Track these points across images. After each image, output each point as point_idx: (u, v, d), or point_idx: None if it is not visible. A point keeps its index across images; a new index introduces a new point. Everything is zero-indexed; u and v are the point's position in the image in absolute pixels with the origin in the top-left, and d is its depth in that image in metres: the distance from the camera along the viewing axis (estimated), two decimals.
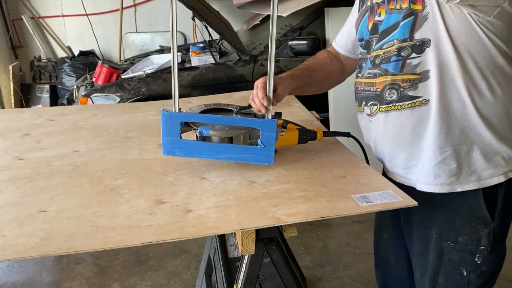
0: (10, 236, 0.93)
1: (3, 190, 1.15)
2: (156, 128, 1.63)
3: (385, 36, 1.15)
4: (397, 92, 1.13)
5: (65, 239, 0.91)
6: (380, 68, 1.17)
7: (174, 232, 0.94)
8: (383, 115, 1.18)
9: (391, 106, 1.15)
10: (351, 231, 2.98)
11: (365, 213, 1.03)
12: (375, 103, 1.19)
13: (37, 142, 1.49)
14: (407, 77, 1.11)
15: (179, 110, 1.19)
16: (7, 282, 2.57)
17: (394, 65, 1.13)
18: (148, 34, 5.04)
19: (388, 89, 1.15)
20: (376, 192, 1.08)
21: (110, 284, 2.53)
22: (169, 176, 1.21)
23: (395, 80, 1.13)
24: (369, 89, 1.21)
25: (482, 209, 1.16)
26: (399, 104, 1.14)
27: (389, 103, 1.16)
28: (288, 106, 1.80)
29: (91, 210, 1.03)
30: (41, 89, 4.90)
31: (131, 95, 3.00)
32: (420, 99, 1.11)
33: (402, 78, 1.12)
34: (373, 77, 1.20)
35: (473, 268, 1.19)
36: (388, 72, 1.15)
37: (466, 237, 1.18)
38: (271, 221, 0.98)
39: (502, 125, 1.12)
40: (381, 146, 1.24)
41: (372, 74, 1.20)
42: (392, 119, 1.16)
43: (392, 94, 1.14)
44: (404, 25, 1.09)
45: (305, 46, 3.12)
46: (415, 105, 1.11)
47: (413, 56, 1.09)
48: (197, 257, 2.73)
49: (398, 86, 1.13)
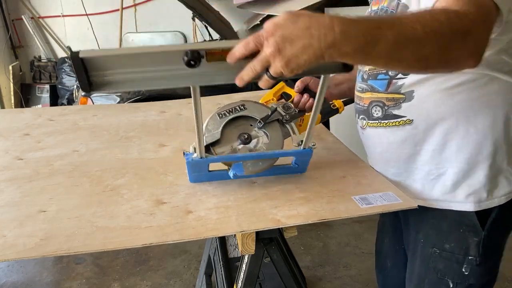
0: (10, 236, 0.93)
1: (3, 190, 1.15)
2: (156, 128, 1.63)
3: None
4: (382, 110, 1.12)
5: (65, 240, 0.91)
6: (367, 84, 1.15)
7: (174, 233, 0.94)
8: (372, 130, 1.16)
9: (377, 122, 1.14)
10: (351, 231, 2.98)
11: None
12: (364, 118, 1.18)
13: (37, 142, 1.49)
14: (391, 95, 1.09)
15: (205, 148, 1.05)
16: (7, 282, 2.57)
17: (380, 83, 1.11)
18: (148, 34, 5.03)
19: (374, 106, 1.14)
20: (376, 194, 1.07)
21: (110, 284, 2.53)
22: (169, 176, 1.21)
23: (380, 98, 1.12)
24: (359, 102, 1.20)
25: (471, 215, 1.08)
26: (384, 121, 1.12)
27: (375, 119, 1.14)
28: None
29: (91, 210, 1.03)
30: (41, 89, 4.89)
31: (131, 95, 3.00)
32: (404, 118, 1.08)
33: (386, 97, 1.10)
34: (361, 92, 1.18)
35: (460, 279, 1.11)
36: (374, 89, 1.13)
37: (453, 244, 1.10)
38: (271, 223, 0.98)
39: (505, 140, 1.05)
40: (372, 158, 1.24)
41: (361, 88, 1.19)
42: (379, 135, 1.15)
43: (378, 111, 1.13)
44: None
45: None
46: (399, 124, 1.09)
47: (400, 77, 1.07)
48: (197, 257, 2.73)
49: (382, 104, 1.11)
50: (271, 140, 1.11)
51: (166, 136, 1.53)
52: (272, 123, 1.12)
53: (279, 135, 1.12)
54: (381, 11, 1.13)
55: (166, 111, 1.83)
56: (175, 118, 1.74)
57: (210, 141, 1.07)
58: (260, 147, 1.10)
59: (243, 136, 1.10)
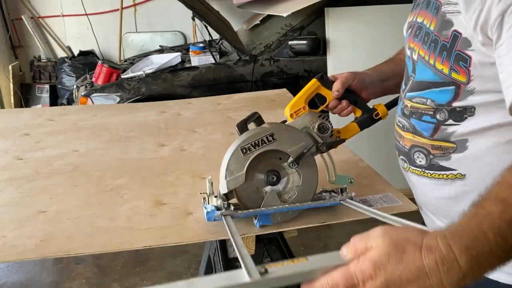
0: (10, 236, 0.93)
1: (3, 190, 1.15)
2: (156, 128, 1.63)
3: (417, 89, 0.91)
4: (426, 158, 0.91)
5: (65, 241, 0.91)
6: (409, 122, 0.94)
7: (174, 235, 0.93)
8: (414, 177, 0.96)
9: (420, 171, 0.93)
10: (352, 231, 2.96)
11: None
12: (405, 160, 0.97)
13: (37, 142, 1.48)
14: (438, 143, 0.88)
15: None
16: (7, 282, 2.56)
17: (425, 126, 0.90)
18: (148, 34, 5.03)
19: (416, 151, 0.93)
20: (377, 195, 1.07)
21: (110, 284, 2.53)
22: (169, 176, 1.20)
23: (424, 144, 0.91)
24: (399, 140, 0.99)
25: None
26: (429, 172, 0.91)
27: (418, 167, 0.94)
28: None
29: (91, 211, 1.02)
30: (41, 89, 4.89)
31: (131, 95, 3.00)
32: (454, 172, 0.87)
33: (432, 144, 0.89)
34: (401, 128, 0.97)
35: None
36: (416, 131, 0.92)
37: None
38: (272, 228, 0.96)
39: None
40: (417, 202, 1.03)
41: (401, 124, 0.98)
42: (422, 186, 0.95)
43: (421, 158, 0.92)
44: (442, 92, 0.86)
45: (305, 46, 3.11)
46: (448, 177, 0.89)
47: (450, 123, 0.86)
48: (197, 257, 2.72)
49: (427, 152, 0.91)
50: (304, 181, 0.95)
51: (166, 136, 1.53)
52: (310, 160, 0.95)
53: (314, 173, 0.96)
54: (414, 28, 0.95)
55: (166, 111, 1.83)
56: (175, 118, 1.74)
57: (233, 187, 0.91)
58: (290, 189, 0.96)
59: (271, 176, 0.94)
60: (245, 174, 0.91)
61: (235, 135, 0.96)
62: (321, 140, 0.96)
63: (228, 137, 1.47)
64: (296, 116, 0.98)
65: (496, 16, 0.71)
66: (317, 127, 0.97)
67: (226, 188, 0.91)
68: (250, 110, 1.04)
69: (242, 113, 1.76)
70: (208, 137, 1.52)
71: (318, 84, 1.01)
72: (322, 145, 0.96)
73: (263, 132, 0.92)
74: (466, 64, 0.80)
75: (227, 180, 0.91)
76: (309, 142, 0.94)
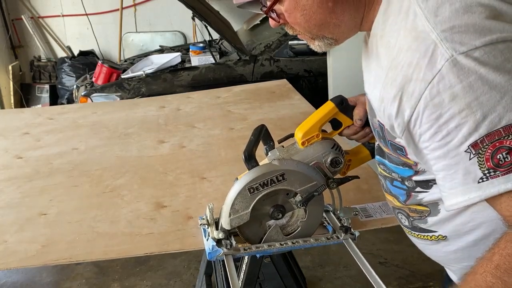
0: (12, 241, 0.92)
1: (3, 190, 1.14)
2: (155, 124, 1.63)
3: (385, 159, 0.88)
4: (407, 220, 0.89)
5: (66, 247, 0.91)
6: (385, 184, 0.91)
7: (175, 242, 0.94)
8: (407, 234, 0.94)
9: (408, 231, 0.92)
10: None
11: None
12: (396, 216, 0.95)
13: (37, 140, 1.48)
14: (414, 207, 0.86)
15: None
16: (7, 282, 2.56)
17: (398, 192, 0.88)
18: (148, 34, 5.03)
19: (398, 213, 0.91)
20: (376, 204, 1.06)
21: (110, 284, 2.52)
22: (168, 176, 1.20)
23: (401, 207, 0.89)
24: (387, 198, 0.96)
25: None
26: (415, 233, 0.90)
27: (405, 227, 0.92)
28: (288, 99, 1.79)
29: (91, 214, 1.02)
30: (41, 89, 4.89)
31: (131, 94, 3.00)
32: (436, 234, 0.86)
33: (409, 207, 0.88)
34: (383, 187, 0.95)
35: None
36: (393, 195, 0.90)
37: None
38: None
39: None
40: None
41: (382, 182, 0.94)
42: (416, 242, 0.93)
43: (404, 219, 0.90)
44: (403, 170, 0.84)
45: (305, 46, 3.11)
46: (432, 239, 0.87)
47: (419, 190, 0.84)
48: (197, 257, 2.72)
49: (407, 214, 0.89)
50: (309, 217, 0.92)
51: (166, 132, 1.52)
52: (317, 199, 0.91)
53: (320, 210, 0.93)
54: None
55: (166, 106, 1.82)
56: (175, 113, 1.73)
57: (236, 224, 0.88)
58: (294, 222, 0.93)
59: (276, 212, 0.90)
60: (250, 213, 0.87)
61: (235, 130, 0.96)
62: (332, 175, 0.92)
63: (228, 132, 1.47)
64: (308, 144, 0.91)
65: (400, 131, 0.70)
66: (330, 161, 0.91)
67: (229, 225, 0.88)
68: (250, 103, 1.03)
69: (242, 107, 1.75)
70: (207, 132, 1.52)
71: (336, 110, 0.93)
72: (333, 182, 0.92)
73: (273, 172, 0.87)
74: (403, 153, 0.77)
75: (231, 218, 0.87)
76: (320, 182, 0.89)
